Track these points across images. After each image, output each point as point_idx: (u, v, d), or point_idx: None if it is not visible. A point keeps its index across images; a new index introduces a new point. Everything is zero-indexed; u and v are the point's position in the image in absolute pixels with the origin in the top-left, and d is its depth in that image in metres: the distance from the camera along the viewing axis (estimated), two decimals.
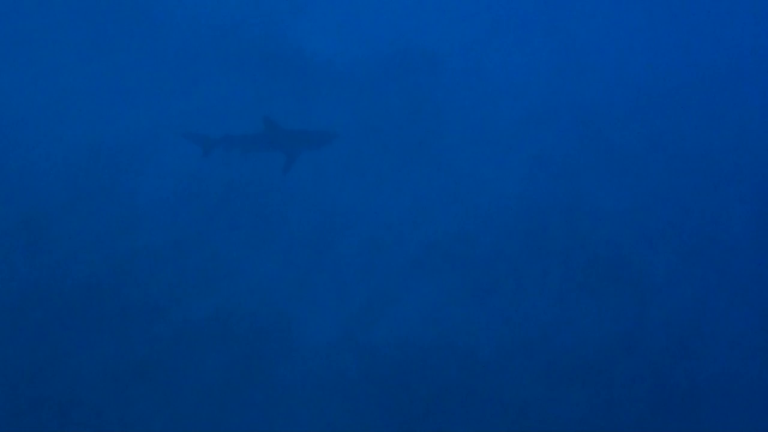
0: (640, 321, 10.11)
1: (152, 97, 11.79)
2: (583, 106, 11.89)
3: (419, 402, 9.31)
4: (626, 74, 12.21)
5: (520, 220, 10.90)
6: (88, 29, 12.36)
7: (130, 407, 9.07)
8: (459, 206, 10.99)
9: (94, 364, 9.32)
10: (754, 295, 10.35)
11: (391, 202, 11.02)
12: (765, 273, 10.55)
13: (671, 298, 10.30)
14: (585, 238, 10.75)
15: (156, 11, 12.57)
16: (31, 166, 10.97)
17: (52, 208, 10.61)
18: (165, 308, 9.89)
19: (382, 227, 10.79)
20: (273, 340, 9.76)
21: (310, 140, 10.39)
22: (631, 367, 9.74)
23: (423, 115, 11.53)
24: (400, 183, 11.19)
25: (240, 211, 10.82)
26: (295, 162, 10.30)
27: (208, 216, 10.74)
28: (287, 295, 10.14)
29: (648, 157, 11.64)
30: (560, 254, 10.60)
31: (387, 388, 9.41)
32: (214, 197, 10.92)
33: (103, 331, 9.59)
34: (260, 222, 10.75)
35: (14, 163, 10.98)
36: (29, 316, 9.55)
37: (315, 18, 12.44)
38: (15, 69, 11.98)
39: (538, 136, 11.60)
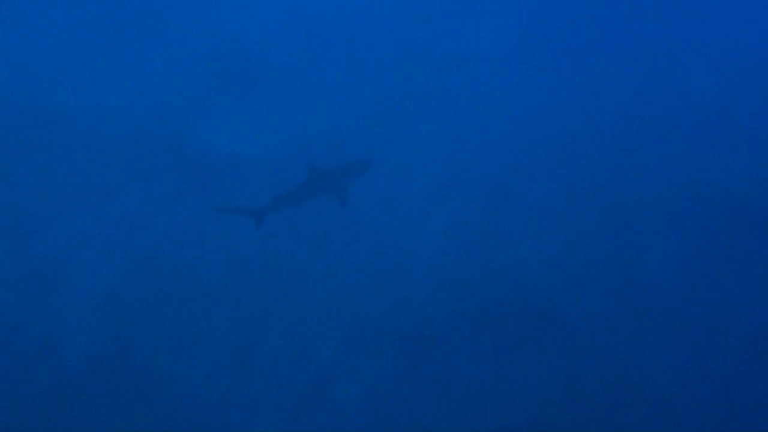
0: (575, 367, 10.29)
1: (59, 216, 11.60)
2: (487, 163, 12.17)
3: None
4: (526, 128, 12.59)
5: (444, 285, 11.01)
6: None
7: None
8: (381, 281, 11.07)
9: None
10: (682, 328, 10.63)
11: (315, 286, 11.04)
12: (688, 306, 10.84)
13: (602, 341, 10.50)
14: (510, 294, 10.90)
15: (54, 125, 12.44)
16: None
17: None
18: (100, 429, 9.64)
19: (309, 312, 10.77)
20: None
21: (352, 171, 11.28)
22: (574, 415, 9.89)
23: (333, 197, 11.67)
24: (320, 267, 11.23)
25: (163, 320, 10.64)
26: (348, 193, 11.12)
27: (132, 330, 10.52)
28: (222, 398, 9.96)
29: (560, 205, 11.89)
30: (488, 314, 10.72)
31: None
32: (135, 309, 10.73)
33: None
34: (185, 327, 10.59)
35: None
36: None
37: (218, 117, 12.56)
38: None
39: (450, 201, 11.83)
